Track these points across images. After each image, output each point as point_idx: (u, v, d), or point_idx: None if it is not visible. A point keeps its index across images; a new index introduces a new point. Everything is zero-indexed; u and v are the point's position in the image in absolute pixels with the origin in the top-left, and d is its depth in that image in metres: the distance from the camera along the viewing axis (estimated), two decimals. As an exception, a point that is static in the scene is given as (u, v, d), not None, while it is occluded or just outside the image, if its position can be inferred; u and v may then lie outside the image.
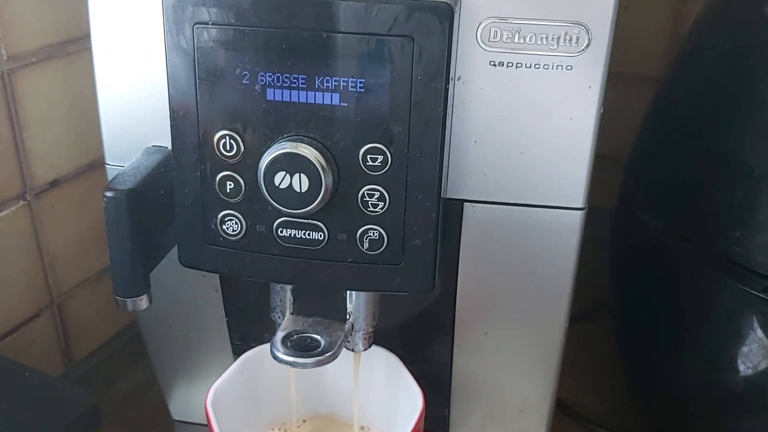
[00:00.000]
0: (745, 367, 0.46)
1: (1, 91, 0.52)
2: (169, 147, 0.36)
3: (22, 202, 0.55)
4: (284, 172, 0.32)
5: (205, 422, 0.40)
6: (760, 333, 0.44)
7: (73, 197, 0.59)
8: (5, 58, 0.51)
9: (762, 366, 0.45)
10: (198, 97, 0.33)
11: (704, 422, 0.52)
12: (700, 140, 0.48)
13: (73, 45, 0.56)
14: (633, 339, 0.57)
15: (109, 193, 0.36)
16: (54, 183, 0.58)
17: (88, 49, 0.42)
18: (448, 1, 0.31)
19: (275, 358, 0.37)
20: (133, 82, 0.40)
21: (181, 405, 0.54)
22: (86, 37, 0.43)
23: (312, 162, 0.32)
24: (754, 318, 0.44)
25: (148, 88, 0.39)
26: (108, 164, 0.42)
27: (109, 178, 0.42)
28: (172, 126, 0.34)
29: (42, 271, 0.58)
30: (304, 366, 0.36)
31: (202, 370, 0.48)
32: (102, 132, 0.42)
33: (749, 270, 0.44)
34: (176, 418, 0.55)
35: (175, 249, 0.39)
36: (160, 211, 0.38)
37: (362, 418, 0.43)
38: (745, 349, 0.45)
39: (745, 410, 0.48)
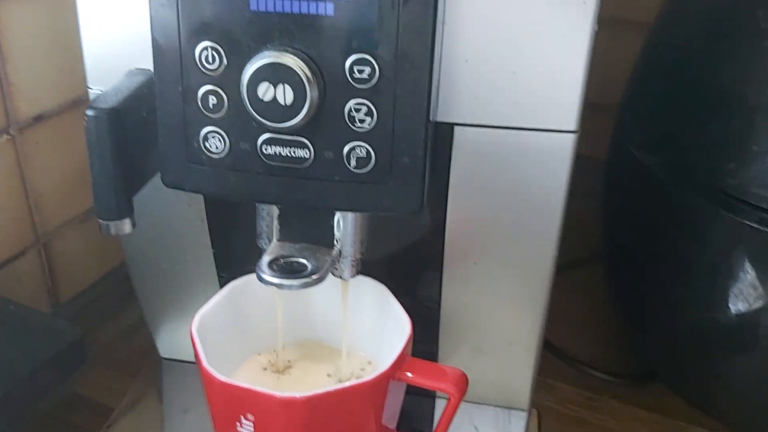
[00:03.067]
0: (738, 302, 0.46)
1: (-18, 20, 0.50)
2: (152, 69, 0.35)
3: (6, 137, 0.54)
4: (268, 83, 0.31)
5: (193, 359, 0.39)
6: (754, 265, 0.44)
7: (59, 133, 0.59)
8: (-15, -15, 0.50)
9: (756, 300, 0.45)
10: (179, 8, 0.32)
11: (695, 360, 0.52)
12: (693, 73, 0.47)
13: (55, -27, 0.55)
14: (625, 279, 0.57)
15: (90, 112, 0.35)
16: (38, 118, 0.57)
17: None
18: None
19: (261, 280, 0.36)
20: (114, 3, 0.39)
21: (168, 342, 0.53)
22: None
23: (297, 72, 0.31)
24: (749, 250, 0.44)
25: (130, 9, 0.38)
26: (90, 88, 0.41)
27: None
28: (153, 39, 0.33)
29: (27, 209, 0.58)
30: (290, 287, 0.36)
31: (189, 305, 0.48)
32: (83, 54, 0.41)
33: (743, 202, 0.43)
34: (164, 356, 0.54)
35: (158, 176, 0.38)
36: (142, 134, 0.37)
37: (349, 344, 0.43)
38: (739, 283, 0.45)
39: (737, 347, 0.48)
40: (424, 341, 0.45)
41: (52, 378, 0.48)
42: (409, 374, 0.37)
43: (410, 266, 0.45)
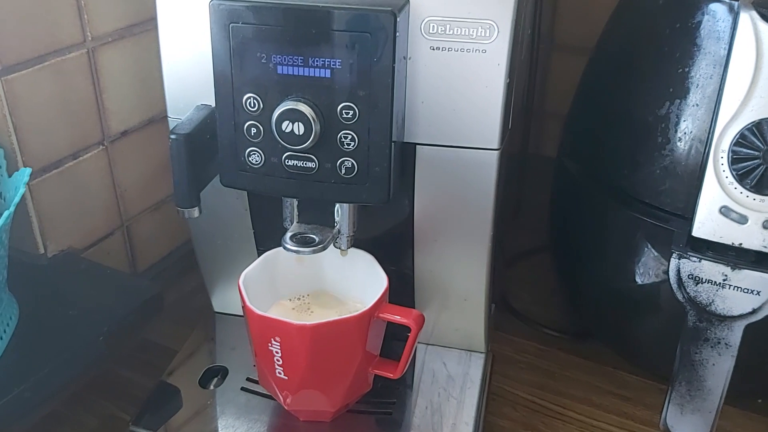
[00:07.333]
0: (641, 276, 0.59)
1: (87, 63, 0.68)
2: (213, 105, 0.52)
3: (101, 147, 0.72)
4: (288, 121, 0.49)
5: (239, 313, 0.56)
6: (647, 247, 0.58)
7: (139, 144, 0.76)
8: (90, 38, 0.68)
9: (653, 274, 0.59)
10: (232, 71, 0.49)
11: (616, 321, 0.66)
12: (602, 98, 0.62)
13: (138, 28, 0.72)
14: (564, 260, 0.73)
15: (173, 136, 0.52)
16: (124, 133, 0.74)
17: (149, 31, 0.57)
18: (393, 9, 0.47)
19: (285, 248, 0.54)
20: (188, 57, 0.55)
21: (221, 299, 0.71)
22: (147, 21, 0.58)
23: (306, 114, 0.48)
24: (642, 236, 0.58)
25: (198, 62, 0.54)
26: (169, 117, 0.59)
27: (170, 126, 0.58)
28: (215, 91, 0.51)
29: (115, 200, 0.75)
30: (304, 253, 0.53)
31: (236, 269, 0.62)
32: (165, 93, 0.58)
33: (635, 199, 0.57)
34: (217, 310, 0.72)
35: (217, 178, 0.55)
36: (206, 150, 0.53)
37: (348, 294, 0.60)
38: (639, 261, 0.59)
39: (645, 310, 0.61)
40: (404, 298, 0.62)
41: (137, 321, 0.65)
42: (383, 313, 0.55)
43: (393, 243, 0.62)
